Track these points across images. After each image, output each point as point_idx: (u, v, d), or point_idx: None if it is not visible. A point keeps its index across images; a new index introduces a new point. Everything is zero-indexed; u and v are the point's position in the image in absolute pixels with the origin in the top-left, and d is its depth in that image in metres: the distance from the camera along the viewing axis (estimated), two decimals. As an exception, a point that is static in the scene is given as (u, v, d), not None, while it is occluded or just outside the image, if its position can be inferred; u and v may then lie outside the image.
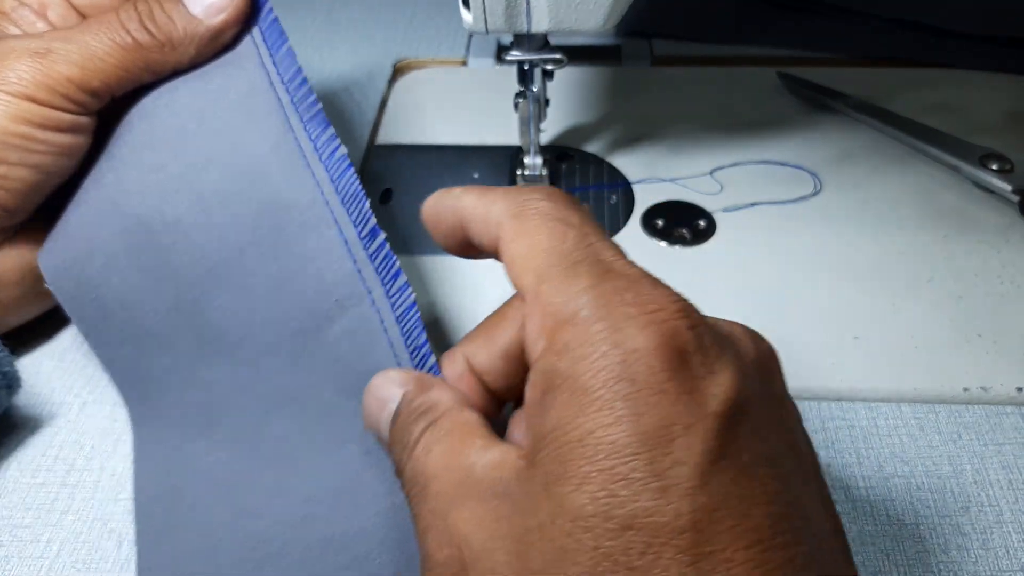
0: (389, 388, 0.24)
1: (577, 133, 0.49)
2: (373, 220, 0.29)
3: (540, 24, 0.35)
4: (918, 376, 0.35)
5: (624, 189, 0.45)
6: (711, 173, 0.45)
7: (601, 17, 0.35)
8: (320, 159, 0.30)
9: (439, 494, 0.20)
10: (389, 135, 0.50)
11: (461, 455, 0.20)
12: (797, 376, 0.35)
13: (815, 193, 0.44)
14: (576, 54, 0.42)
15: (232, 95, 0.32)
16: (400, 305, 0.28)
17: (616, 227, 0.43)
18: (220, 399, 0.30)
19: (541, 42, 0.39)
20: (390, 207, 0.45)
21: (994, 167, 0.42)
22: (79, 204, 0.33)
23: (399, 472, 0.22)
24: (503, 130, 0.49)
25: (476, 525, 0.18)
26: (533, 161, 0.44)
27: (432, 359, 0.27)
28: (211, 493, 0.29)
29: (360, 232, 0.29)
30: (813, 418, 0.34)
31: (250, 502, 0.28)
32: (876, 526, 0.31)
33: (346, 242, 0.29)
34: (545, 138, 0.47)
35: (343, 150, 0.30)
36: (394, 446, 0.23)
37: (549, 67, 0.40)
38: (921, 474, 0.32)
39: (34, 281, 0.34)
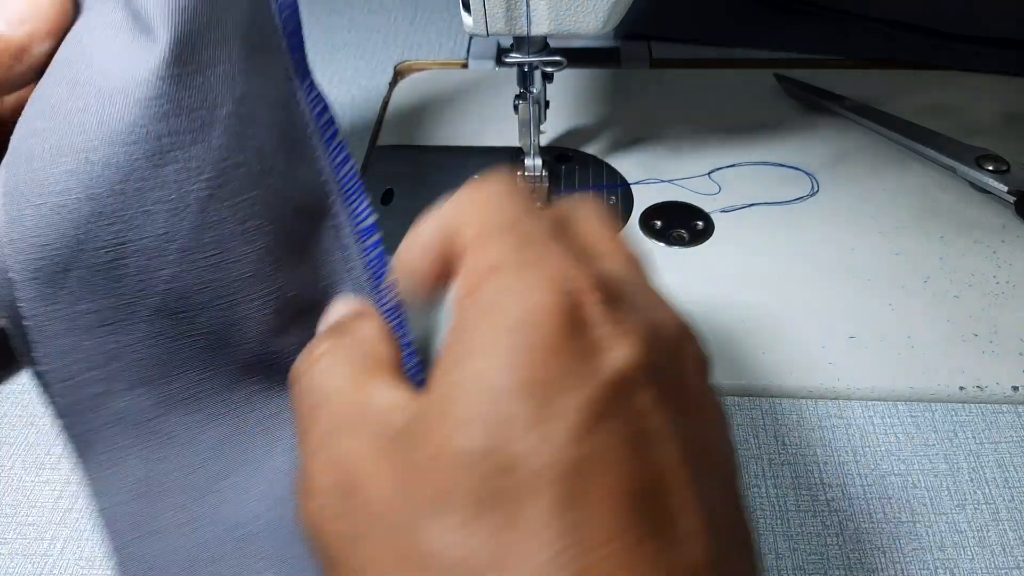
0: (334, 309, 0.24)
1: (576, 135, 0.49)
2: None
3: (540, 27, 0.36)
4: (914, 375, 0.35)
5: (623, 190, 0.45)
6: (709, 174, 0.46)
7: (600, 20, 0.35)
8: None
9: (333, 416, 0.20)
10: (390, 136, 0.50)
11: (364, 386, 0.21)
12: (793, 375, 0.35)
13: (812, 194, 0.44)
14: (575, 56, 0.42)
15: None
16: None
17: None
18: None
19: (541, 45, 0.39)
20: (391, 207, 0.45)
21: (990, 168, 0.43)
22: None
23: (293, 377, 0.22)
24: (503, 131, 0.49)
25: (366, 455, 0.19)
26: (533, 162, 0.45)
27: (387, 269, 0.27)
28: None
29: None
30: (810, 416, 0.35)
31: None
32: (873, 523, 0.31)
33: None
34: (545, 139, 0.47)
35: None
36: (302, 353, 0.23)
37: (549, 69, 0.40)
38: (917, 472, 0.32)
39: None
